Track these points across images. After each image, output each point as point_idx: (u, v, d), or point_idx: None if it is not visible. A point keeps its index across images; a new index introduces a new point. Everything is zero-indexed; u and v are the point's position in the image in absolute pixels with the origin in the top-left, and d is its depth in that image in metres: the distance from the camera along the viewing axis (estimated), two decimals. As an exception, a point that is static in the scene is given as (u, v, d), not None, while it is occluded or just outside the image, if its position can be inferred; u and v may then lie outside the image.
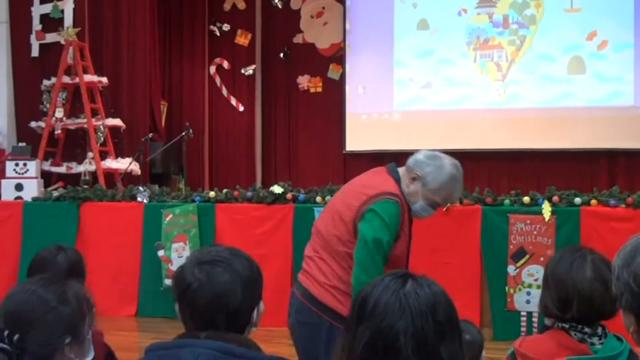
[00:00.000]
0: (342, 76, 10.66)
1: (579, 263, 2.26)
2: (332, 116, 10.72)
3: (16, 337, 1.78)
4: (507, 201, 6.45)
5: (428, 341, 1.43)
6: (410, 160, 3.23)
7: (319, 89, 10.88)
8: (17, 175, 8.37)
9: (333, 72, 10.77)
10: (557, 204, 6.26)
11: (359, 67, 10.55)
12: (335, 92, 10.70)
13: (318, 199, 6.78)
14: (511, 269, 6.28)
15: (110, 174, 8.79)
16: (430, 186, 3.17)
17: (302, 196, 6.87)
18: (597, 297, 2.18)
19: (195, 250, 2.06)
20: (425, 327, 1.43)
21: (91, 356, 2.02)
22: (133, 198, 7.47)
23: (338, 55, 10.72)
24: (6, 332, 1.79)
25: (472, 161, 9.97)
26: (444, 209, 6.45)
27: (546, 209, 6.19)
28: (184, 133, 8.48)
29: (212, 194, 7.23)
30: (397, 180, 3.19)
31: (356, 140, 10.59)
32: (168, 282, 6.76)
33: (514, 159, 9.92)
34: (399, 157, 10.58)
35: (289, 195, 6.88)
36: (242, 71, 10.79)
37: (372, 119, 10.55)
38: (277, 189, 6.90)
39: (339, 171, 10.62)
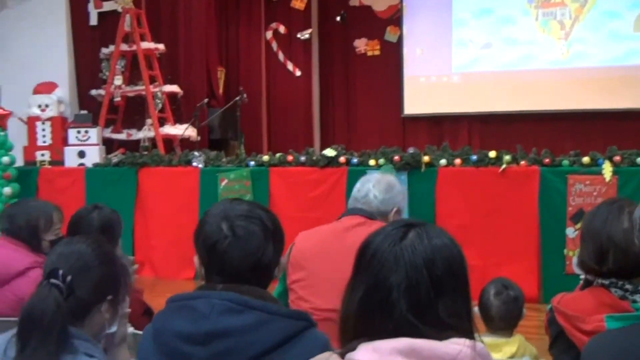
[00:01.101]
0: (400, 38, 10.49)
1: (615, 215, 2.18)
2: (389, 79, 10.57)
3: (69, 278, 1.86)
4: (565, 162, 6.27)
5: (422, 296, 1.36)
6: (380, 203, 3.01)
7: (377, 52, 10.74)
8: (79, 142, 8.57)
9: (390, 35, 10.61)
10: (618, 164, 6.05)
11: (417, 28, 10.35)
12: (393, 54, 10.55)
13: (371, 161, 6.73)
14: (570, 231, 6.12)
15: (169, 140, 8.90)
16: (403, 209, 3.15)
17: (355, 159, 6.82)
18: (633, 248, 2.09)
19: (216, 203, 2.03)
20: (420, 282, 1.36)
21: (115, 328, 2.09)
22: (189, 163, 7.56)
23: (395, 17, 10.54)
24: (61, 271, 1.85)
25: (534, 123, 9.77)
26: (500, 169, 6.33)
27: (607, 169, 5.99)
28: (237, 98, 8.50)
29: (265, 157, 7.26)
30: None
31: (414, 103, 10.44)
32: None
33: (579, 120, 9.61)
34: (459, 121, 10.48)
35: (342, 159, 6.84)
36: (299, 35, 10.70)
37: (430, 81, 10.37)
38: (329, 152, 6.87)
39: (398, 135, 10.49)
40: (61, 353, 1.79)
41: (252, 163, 7.28)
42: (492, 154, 6.44)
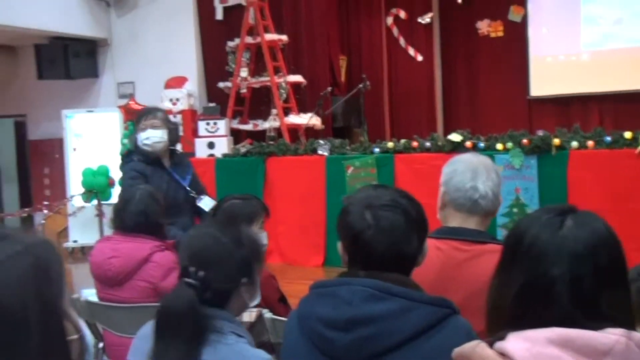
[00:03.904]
0: (524, 18, 10.21)
1: None
2: (514, 61, 10.32)
3: (201, 274, 1.94)
4: None
5: (586, 289, 1.30)
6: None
7: (500, 33, 10.50)
8: (208, 134, 8.84)
9: (514, 14, 10.33)
10: None
11: (542, 6, 10.04)
12: (517, 35, 10.28)
13: (498, 146, 6.58)
14: None
15: (294, 129, 9.05)
16: None
17: (481, 144, 6.70)
18: None
19: (360, 188, 2.04)
20: (585, 273, 1.31)
21: (258, 300, 2.13)
22: (314, 151, 7.67)
23: (519, -4, 10.27)
24: (192, 269, 1.94)
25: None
26: (637, 151, 6.05)
27: None
28: (360, 85, 8.51)
29: (390, 144, 7.24)
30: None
31: (541, 84, 10.15)
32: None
33: None
34: (589, 101, 10.08)
35: (468, 143, 6.73)
36: (420, 20, 10.61)
37: (557, 61, 10.04)
38: (455, 137, 6.78)
39: (524, 118, 10.23)
40: (201, 344, 1.87)
41: (377, 150, 7.29)
42: (628, 134, 6.16)
